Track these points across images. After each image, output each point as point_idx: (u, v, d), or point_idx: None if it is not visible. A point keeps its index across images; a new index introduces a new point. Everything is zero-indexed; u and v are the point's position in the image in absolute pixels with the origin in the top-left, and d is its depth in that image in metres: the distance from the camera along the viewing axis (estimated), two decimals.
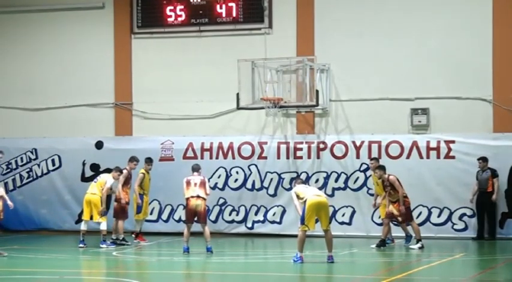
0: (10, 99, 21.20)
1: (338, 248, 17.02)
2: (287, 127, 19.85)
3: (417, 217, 18.64)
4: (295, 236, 18.57)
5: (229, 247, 17.56)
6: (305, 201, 14.33)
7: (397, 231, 17.46)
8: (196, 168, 16.18)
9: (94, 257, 16.09)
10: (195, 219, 15.85)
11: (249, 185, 19.58)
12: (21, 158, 20.53)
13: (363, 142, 19.15)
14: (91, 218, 16.91)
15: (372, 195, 18.35)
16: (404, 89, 19.25)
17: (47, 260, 15.61)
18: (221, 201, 19.77)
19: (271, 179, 19.48)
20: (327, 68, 19.34)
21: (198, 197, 15.79)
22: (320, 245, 17.09)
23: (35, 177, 20.42)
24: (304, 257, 14.41)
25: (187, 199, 15.87)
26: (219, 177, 19.69)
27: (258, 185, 19.62)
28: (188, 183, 15.89)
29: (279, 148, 19.59)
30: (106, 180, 17.22)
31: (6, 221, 18.73)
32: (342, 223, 18.19)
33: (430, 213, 18.74)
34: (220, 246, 17.14)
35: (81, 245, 16.87)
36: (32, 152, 20.54)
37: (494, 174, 18.32)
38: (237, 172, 19.60)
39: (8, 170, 20.55)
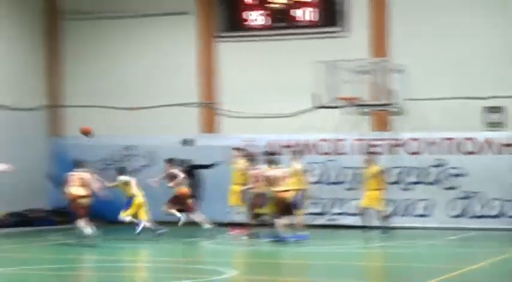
0: (105, 99, 22.61)
1: (417, 239, 18.01)
2: (363, 125, 20.79)
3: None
4: (367, 227, 19.22)
5: (314, 237, 17.98)
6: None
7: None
8: (80, 164, 17.35)
9: (188, 246, 17.25)
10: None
11: (327, 179, 20.63)
12: (117, 155, 21.99)
13: (436, 139, 20.00)
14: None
15: (446, 188, 19.34)
16: (478, 88, 20.01)
17: (138, 249, 16.88)
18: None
19: (349, 174, 20.51)
20: (402, 68, 20.05)
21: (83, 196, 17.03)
22: (405, 236, 18.02)
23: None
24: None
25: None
26: None
27: (335, 179, 20.67)
28: (70, 180, 17.08)
29: (355, 145, 20.54)
30: None
31: (105, 212, 20.07)
32: (419, 215, 19.22)
33: (504, 206, 19.45)
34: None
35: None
36: (126, 149, 21.97)
37: None
38: (316, 167, 20.61)
39: (105, 165, 21.92)
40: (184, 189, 18.47)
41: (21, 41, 22.49)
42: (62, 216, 20.83)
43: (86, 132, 17.94)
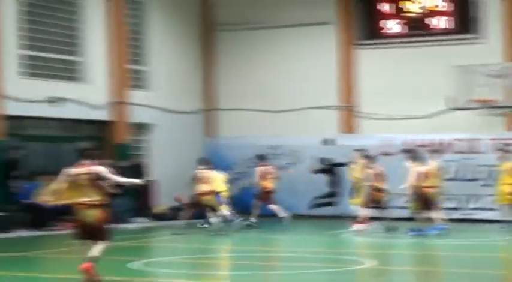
0: (253, 102, 24.33)
1: None
2: (497, 125, 21.55)
3: None
4: (504, 221, 19.65)
5: (451, 231, 18.37)
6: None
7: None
8: (205, 162, 19.11)
9: (330, 238, 18.49)
10: None
11: (462, 176, 21.43)
12: (260, 154, 23.63)
13: None
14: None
15: None
16: None
17: (283, 240, 18.20)
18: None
19: (484, 172, 21.16)
20: None
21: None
22: None
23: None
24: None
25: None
26: None
27: (471, 177, 21.48)
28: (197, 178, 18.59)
29: (490, 144, 21.22)
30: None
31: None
32: None
33: None
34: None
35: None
36: (272, 149, 23.61)
37: None
38: (452, 165, 21.35)
39: (251, 164, 23.70)
40: (268, 184, 19.90)
41: (182, 51, 24.51)
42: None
43: (178, 201, 19.86)
